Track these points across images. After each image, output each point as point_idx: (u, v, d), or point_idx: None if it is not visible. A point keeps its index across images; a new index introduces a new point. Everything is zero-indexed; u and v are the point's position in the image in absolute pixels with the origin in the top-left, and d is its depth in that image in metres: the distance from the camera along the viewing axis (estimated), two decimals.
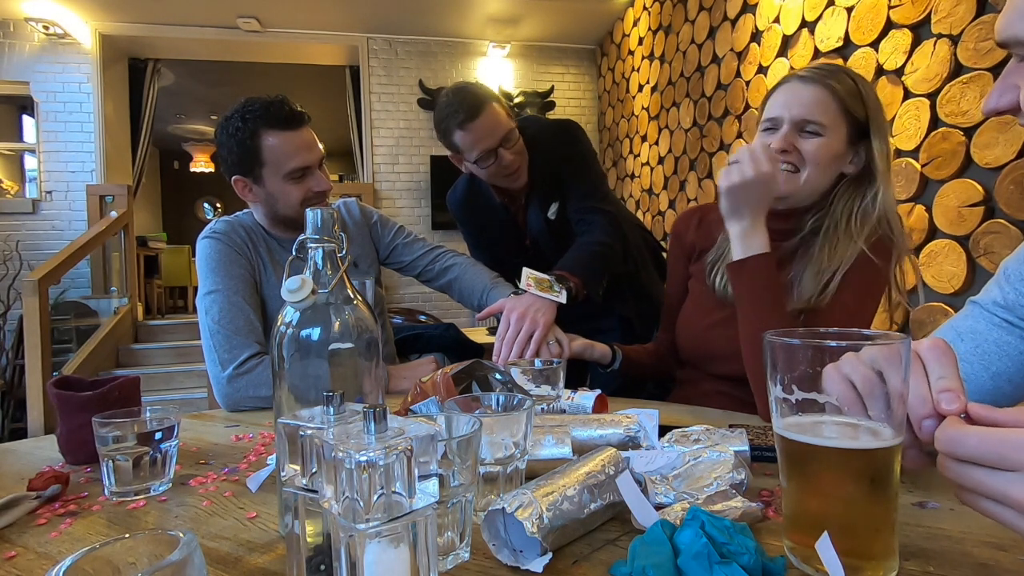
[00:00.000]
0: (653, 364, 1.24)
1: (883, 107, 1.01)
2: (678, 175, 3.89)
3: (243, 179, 1.25)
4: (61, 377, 0.82)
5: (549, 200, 1.53)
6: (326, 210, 0.53)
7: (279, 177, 1.23)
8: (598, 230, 1.46)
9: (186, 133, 8.34)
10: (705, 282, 1.13)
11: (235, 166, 1.24)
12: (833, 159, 0.98)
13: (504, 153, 1.41)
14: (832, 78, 0.97)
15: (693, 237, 1.20)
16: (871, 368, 0.42)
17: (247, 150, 1.21)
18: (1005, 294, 0.69)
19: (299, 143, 1.24)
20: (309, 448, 0.41)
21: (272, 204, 1.27)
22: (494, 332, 1.35)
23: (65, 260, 3.53)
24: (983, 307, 0.72)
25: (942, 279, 1.91)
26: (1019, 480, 0.36)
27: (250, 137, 1.21)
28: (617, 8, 4.68)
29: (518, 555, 0.47)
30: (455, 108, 1.37)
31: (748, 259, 0.93)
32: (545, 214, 1.54)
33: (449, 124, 1.39)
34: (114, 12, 4.58)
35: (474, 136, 1.38)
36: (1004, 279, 0.70)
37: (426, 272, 1.49)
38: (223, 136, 1.23)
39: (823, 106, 0.96)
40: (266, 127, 1.21)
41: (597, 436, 0.68)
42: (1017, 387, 0.70)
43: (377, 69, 5.09)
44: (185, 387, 4.14)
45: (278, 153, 1.22)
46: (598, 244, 1.43)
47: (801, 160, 0.98)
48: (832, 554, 0.40)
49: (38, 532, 0.57)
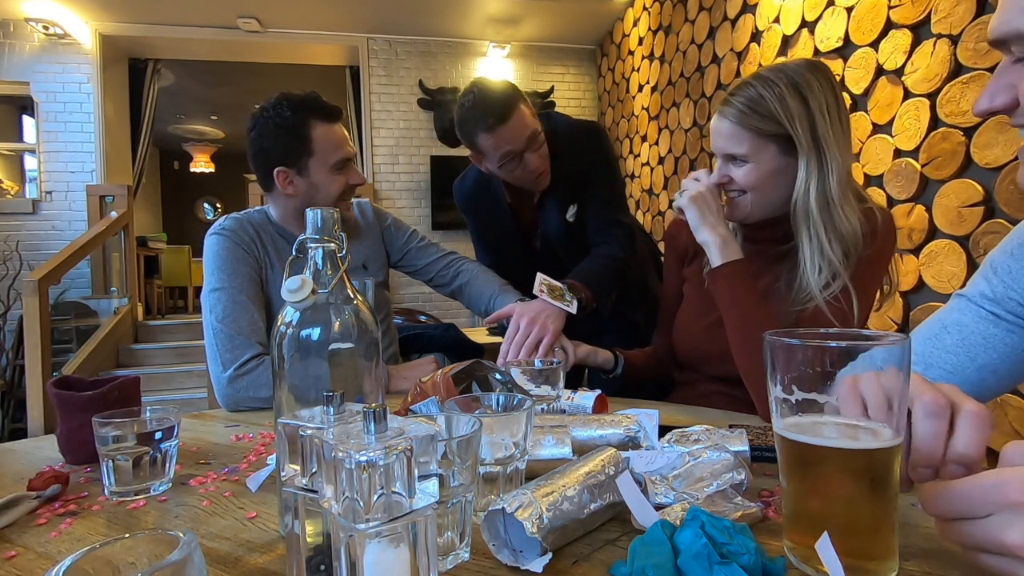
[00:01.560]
0: (652, 367, 1.24)
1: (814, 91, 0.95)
2: (678, 175, 3.89)
3: (286, 170, 1.24)
4: (61, 377, 0.82)
5: (568, 202, 1.50)
6: (326, 210, 0.53)
7: (326, 168, 1.24)
8: (617, 245, 1.44)
9: (186, 133, 8.34)
10: (699, 284, 1.13)
11: (280, 157, 1.23)
12: (771, 176, 0.98)
13: (530, 157, 1.36)
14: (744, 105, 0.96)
15: (686, 240, 1.21)
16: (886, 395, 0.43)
17: (298, 139, 1.22)
18: (992, 287, 0.70)
19: (342, 135, 1.27)
20: (309, 448, 0.41)
21: (311, 196, 1.26)
22: (495, 332, 1.35)
23: (65, 260, 3.53)
24: (969, 300, 0.72)
25: (942, 279, 1.91)
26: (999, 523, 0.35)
27: (301, 126, 1.21)
28: (617, 8, 4.68)
29: (518, 555, 0.47)
30: (482, 111, 1.31)
31: (722, 266, 0.98)
32: (564, 216, 1.50)
33: (475, 127, 1.33)
34: (114, 12, 4.58)
35: (500, 140, 1.33)
36: (991, 272, 0.71)
37: (439, 277, 1.50)
38: (266, 127, 1.23)
39: (737, 139, 0.97)
40: (314, 117, 1.23)
41: (597, 436, 0.68)
42: (1002, 379, 0.70)
43: (377, 69, 5.09)
44: (185, 387, 4.14)
45: (327, 143, 1.24)
46: (614, 259, 1.42)
47: (740, 186, 1.01)
48: (832, 554, 0.40)
49: (38, 532, 0.57)
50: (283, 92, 1.25)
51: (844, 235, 0.95)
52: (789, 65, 0.97)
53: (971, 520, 0.37)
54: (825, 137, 0.94)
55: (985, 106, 0.55)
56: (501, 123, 1.31)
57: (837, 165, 0.94)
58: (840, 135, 0.95)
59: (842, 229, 0.94)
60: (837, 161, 0.94)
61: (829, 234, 0.95)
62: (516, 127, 1.32)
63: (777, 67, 0.98)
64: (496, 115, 1.31)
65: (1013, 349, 0.69)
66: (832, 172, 0.94)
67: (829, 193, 0.95)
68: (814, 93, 0.94)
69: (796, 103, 0.94)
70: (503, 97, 1.32)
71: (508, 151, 1.34)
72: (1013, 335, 0.68)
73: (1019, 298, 0.67)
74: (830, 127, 0.94)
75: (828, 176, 0.95)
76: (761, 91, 0.95)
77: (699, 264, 1.15)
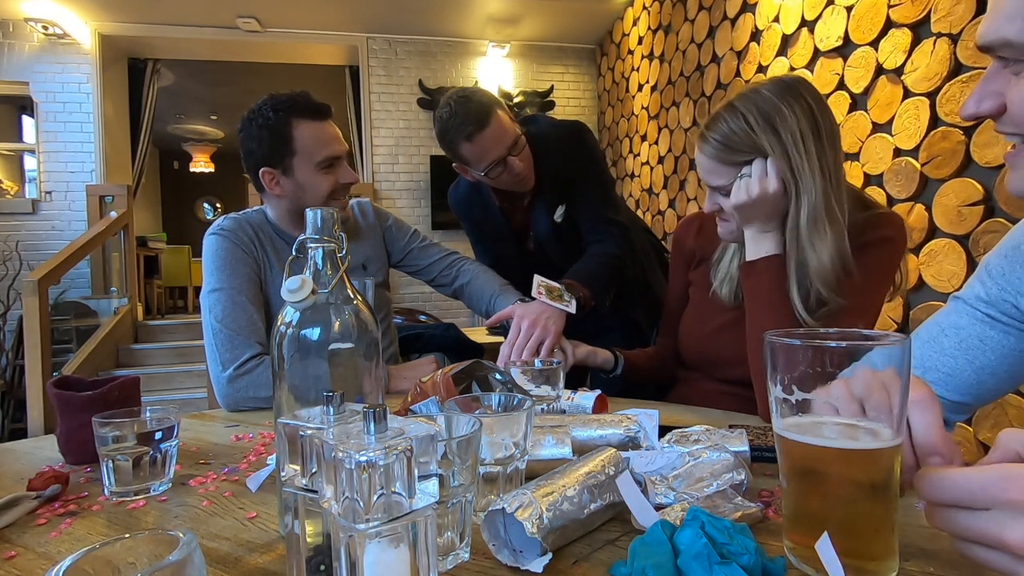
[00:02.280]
0: (654, 368, 1.24)
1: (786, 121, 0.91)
2: (678, 174, 3.89)
3: (271, 171, 1.24)
4: (61, 377, 0.82)
5: (556, 203, 1.51)
6: (326, 210, 0.53)
7: (311, 167, 1.24)
8: (612, 243, 1.45)
9: (186, 133, 8.34)
10: (705, 288, 1.13)
11: (265, 157, 1.24)
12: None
13: (513, 161, 1.38)
14: (717, 141, 0.94)
15: (693, 244, 1.21)
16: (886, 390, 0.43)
17: (280, 139, 1.22)
18: (988, 289, 0.70)
19: (330, 133, 1.26)
20: (309, 448, 0.41)
21: (299, 196, 1.26)
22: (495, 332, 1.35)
23: (65, 260, 3.53)
24: (966, 302, 0.72)
25: (942, 278, 1.91)
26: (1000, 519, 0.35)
27: (283, 126, 1.21)
28: (617, 8, 4.68)
29: (518, 555, 0.47)
30: (460, 120, 1.33)
31: (758, 260, 0.96)
32: (552, 217, 1.52)
33: (455, 137, 1.35)
34: (114, 12, 4.58)
35: (482, 147, 1.34)
36: (987, 275, 0.71)
37: (440, 278, 1.50)
38: (251, 129, 1.23)
39: (716, 173, 0.97)
40: (297, 117, 1.22)
41: (597, 436, 0.68)
42: (1001, 380, 0.71)
43: (377, 69, 5.09)
44: (185, 387, 4.14)
45: (310, 142, 1.23)
46: (610, 257, 1.42)
47: (727, 215, 1.01)
48: (832, 554, 0.40)
49: (38, 532, 0.57)
50: (271, 93, 1.25)
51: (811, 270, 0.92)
52: (762, 91, 0.93)
53: (969, 511, 0.37)
54: (799, 171, 0.91)
55: (972, 111, 0.55)
56: (480, 130, 1.32)
57: (808, 199, 0.91)
58: (816, 163, 0.91)
59: (810, 263, 0.92)
60: (810, 193, 0.91)
61: (803, 267, 0.94)
62: (495, 133, 1.34)
63: (750, 94, 0.94)
64: (474, 122, 1.32)
65: (1010, 351, 0.69)
66: (803, 207, 0.92)
67: (799, 227, 0.93)
68: (786, 123, 0.91)
69: (768, 135, 0.91)
70: (479, 105, 1.33)
71: (492, 159, 1.36)
72: (1009, 337, 0.69)
73: (1014, 300, 0.67)
74: (805, 160, 0.91)
75: (801, 210, 0.92)
76: (732, 125, 0.93)
77: (706, 268, 1.15)
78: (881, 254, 0.97)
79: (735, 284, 1.07)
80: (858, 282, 0.93)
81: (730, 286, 1.08)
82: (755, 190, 0.92)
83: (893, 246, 0.98)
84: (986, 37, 0.52)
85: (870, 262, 0.95)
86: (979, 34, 0.53)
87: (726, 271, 1.09)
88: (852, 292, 0.93)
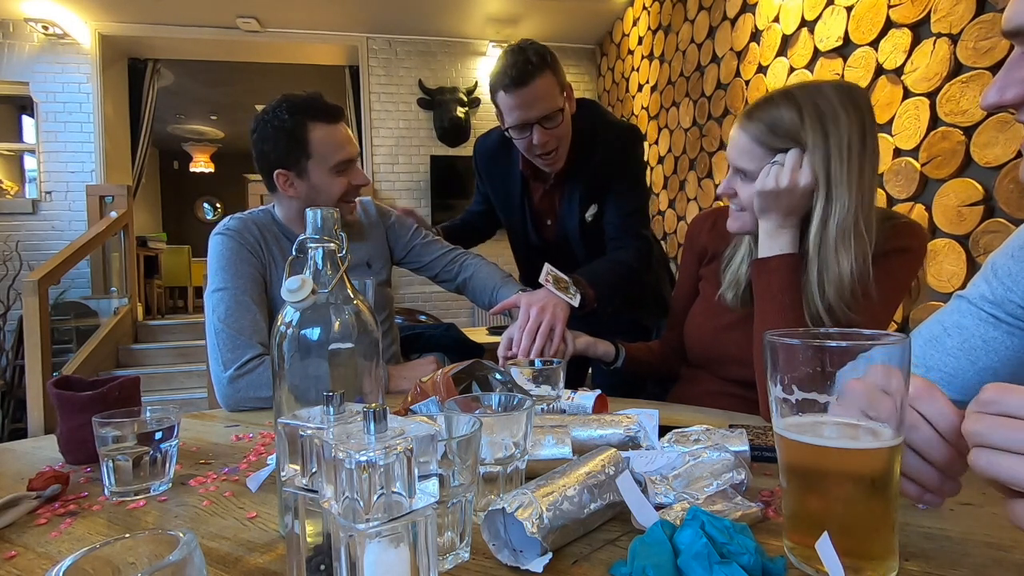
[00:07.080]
0: (657, 362, 1.24)
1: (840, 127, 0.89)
2: (678, 175, 3.89)
3: (286, 172, 1.25)
4: (61, 377, 0.82)
5: (589, 201, 1.48)
6: (326, 210, 0.53)
7: (325, 169, 1.24)
8: (633, 254, 1.43)
9: (186, 133, 8.34)
10: (716, 285, 1.12)
11: (279, 159, 1.24)
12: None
13: (540, 131, 1.34)
14: (763, 122, 0.92)
15: (706, 240, 1.20)
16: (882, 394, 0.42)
17: (295, 142, 1.22)
18: (993, 289, 0.69)
19: (343, 136, 1.27)
20: (309, 448, 0.41)
21: (313, 198, 1.26)
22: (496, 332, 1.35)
23: (65, 260, 3.53)
24: (970, 302, 0.71)
25: (942, 278, 1.91)
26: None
27: (298, 129, 1.21)
28: (617, 8, 4.68)
29: (518, 555, 0.47)
30: (507, 68, 1.29)
31: (772, 258, 0.94)
32: (583, 215, 1.50)
33: (495, 83, 1.33)
34: (114, 12, 4.58)
35: (513, 103, 1.31)
36: (992, 274, 0.70)
37: (444, 273, 1.50)
38: (266, 130, 1.23)
39: (749, 155, 0.94)
40: (313, 120, 1.22)
41: (597, 436, 0.68)
42: (1003, 382, 0.70)
43: (377, 69, 5.09)
44: (185, 387, 4.14)
45: (326, 145, 1.23)
46: (625, 266, 1.41)
47: (742, 204, 0.99)
48: (832, 554, 0.40)
49: (38, 532, 0.57)
50: (285, 94, 1.25)
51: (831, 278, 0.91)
52: (824, 89, 0.91)
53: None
54: (836, 178, 0.89)
55: (994, 99, 0.54)
56: (516, 87, 1.29)
57: (840, 208, 0.89)
58: (856, 177, 0.89)
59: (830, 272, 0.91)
60: (843, 204, 0.89)
61: (823, 274, 0.92)
62: (530, 95, 1.30)
63: (810, 88, 0.92)
64: (513, 77, 1.29)
65: (1014, 352, 0.68)
66: (832, 214, 0.90)
67: (826, 233, 0.91)
68: (839, 129, 0.89)
69: (816, 136, 0.89)
70: (526, 63, 1.29)
71: (520, 119, 1.33)
72: (1014, 338, 0.68)
73: (1019, 300, 0.67)
74: (845, 170, 0.89)
75: (829, 219, 0.90)
76: (784, 112, 0.91)
77: (717, 264, 1.14)
78: (900, 263, 0.95)
79: (741, 288, 1.05)
80: (873, 290, 0.91)
81: (735, 290, 1.06)
82: (785, 180, 0.89)
83: (912, 256, 0.97)
84: (1012, 22, 0.51)
85: (888, 271, 0.93)
86: (1005, 19, 0.52)
87: (734, 275, 1.07)
88: (867, 301, 0.92)
